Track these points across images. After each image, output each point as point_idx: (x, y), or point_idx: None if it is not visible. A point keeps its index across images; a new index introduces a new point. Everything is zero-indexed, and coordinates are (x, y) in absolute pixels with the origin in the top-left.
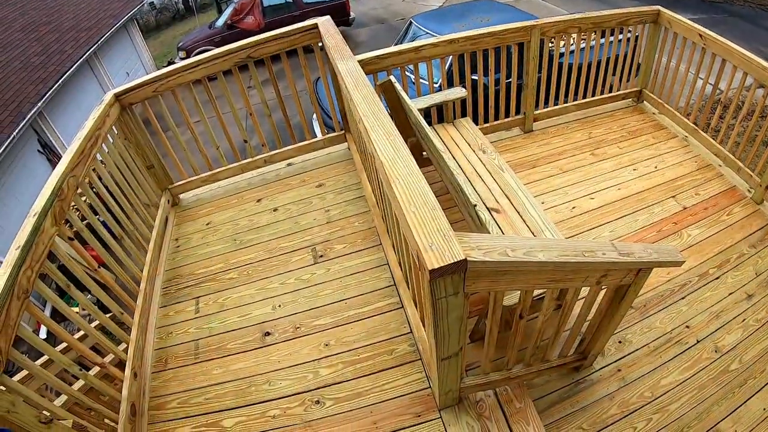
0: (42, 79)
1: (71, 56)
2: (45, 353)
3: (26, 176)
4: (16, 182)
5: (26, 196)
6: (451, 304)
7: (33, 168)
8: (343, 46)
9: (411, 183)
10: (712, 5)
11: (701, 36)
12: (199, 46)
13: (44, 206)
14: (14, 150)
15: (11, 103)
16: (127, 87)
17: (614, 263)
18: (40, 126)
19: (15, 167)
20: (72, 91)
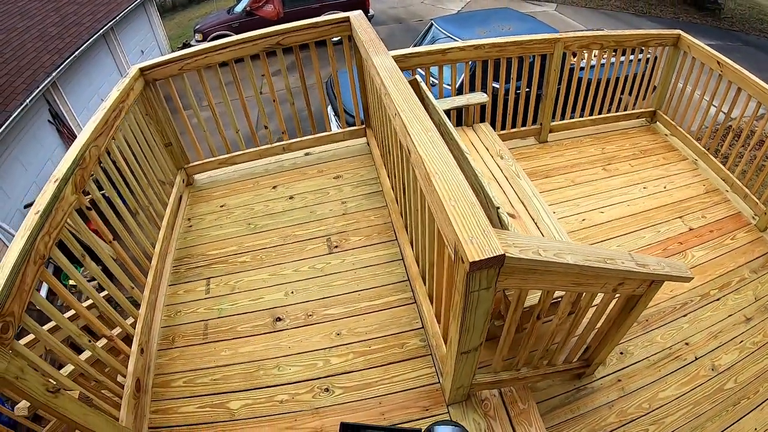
0: (58, 50)
1: (88, 29)
2: (55, 321)
3: (35, 145)
4: (24, 150)
5: (33, 165)
6: (482, 297)
7: (42, 138)
8: (378, 42)
9: (450, 178)
10: (728, 33)
11: (719, 63)
12: (216, 30)
13: (66, 173)
14: (25, 118)
15: (26, 71)
16: (153, 62)
17: (631, 272)
18: (53, 96)
19: (24, 135)
20: (86, 64)
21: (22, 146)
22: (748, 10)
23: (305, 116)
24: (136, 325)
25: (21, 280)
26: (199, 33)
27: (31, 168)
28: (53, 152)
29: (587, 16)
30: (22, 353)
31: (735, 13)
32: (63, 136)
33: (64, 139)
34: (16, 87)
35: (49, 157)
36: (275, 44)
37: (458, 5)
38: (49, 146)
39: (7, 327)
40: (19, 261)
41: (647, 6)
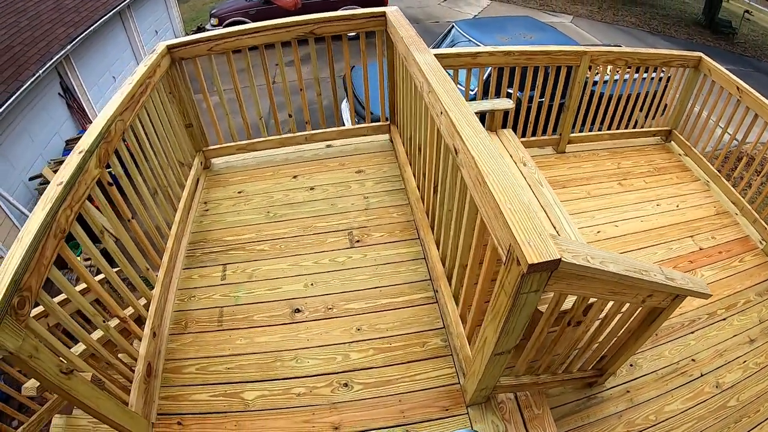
0: (74, 23)
1: (105, 4)
2: (71, 299)
3: (44, 117)
4: (32, 122)
5: (40, 137)
6: (529, 300)
7: (51, 110)
8: (419, 39)
9: (504, 180)
10: (740, 58)
11: (738, 89)
12: (232, 16)
13: (91, 145)
14: (36, 89)
15: (40, 41)
16: (181, 41)
17: (661, 285)
18: (65, 69)
19: (34, 107)
20: (100, 39)
21: (30, 117)
22: (761, 37)
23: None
24: (150, 308)
25: (40, 253)
26: (215, 18)
27: (38, 140)
28: (61, 126)
29: (602, 30)
30: (37, 331)
31: (748, 39)
32: (72, 110)
33: (73, 113)
34: (29, 57)
35: (57, 131)
36: (308, 33)
37: (475, 9)
38: (58, 119)
39: (24, 302)
40: (39, 233)
41: (662, 25)
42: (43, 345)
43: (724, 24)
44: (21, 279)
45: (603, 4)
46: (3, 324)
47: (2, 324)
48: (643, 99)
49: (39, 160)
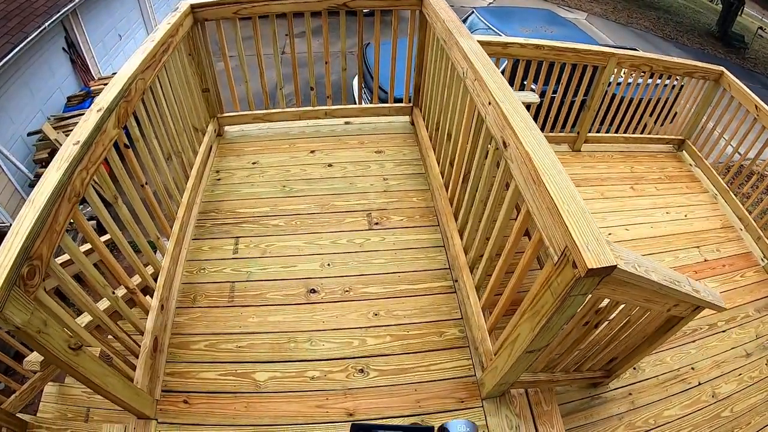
0: None
1: None
2: (83, 269)
3: (45, 72)
4: (33, 76)
5: (42, 92)
6: (576, 302)
7: (54, 65)
8: (460, 23)
9: (560, 181)
10: (750, 73)
11: (756, 107)
12: None
13: (110, 104)
14: (40, 42)
15: None
16: (206, 1)
17: (687, 296)
18: (71, 24)
19: (36, 60)
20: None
21: (32, 71)
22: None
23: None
24: (158, 279)
25: (53, 218)
26: None
27: (38, 95)
28: (63, 82)
29: (616, 31)
30: (47, 304)
31: (759, 55)
32: (75, 66)
33: (76, 69)
34: (36, 8)
35: (59, 86)
36: (341, 5)
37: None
38: (61, 75)
39: (34, 272)
40: (54, 195)
41: (675, 32)
42: (52, 319)
43: (737, 38)
44: (32, 246)
45: (618, 4)
46: (11, 296)
47: (10, 296)
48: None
49: (39, 116)
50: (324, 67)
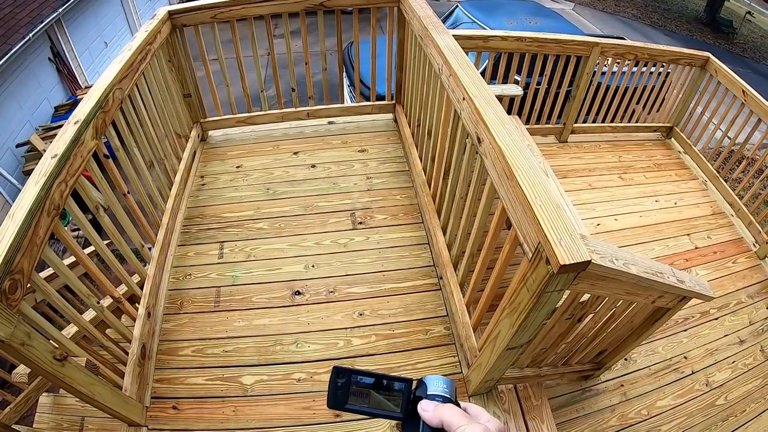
0: None
1: None
2: (67, 281)
3: (32, 83)
4: (20, 87)
5: (29, 103)
6: (552, 299)
7: (40, 76)
8: (436, 19)
9: (533, 176)
10: (739, 58)
11: (744, 92)
12: None
13: (87, 115)
14: (26, 53)
15: (31, 3)
16: (184, 7)
17: (671, 287)
18: (56, 33)
19: (22, 72)
20: (93, 3)
21: (19, 82)
22: (760, 39)
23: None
24: (144, 286)
25: (33, 232)
26: None
27: (26, 106)
28: (50, 92)
29: (603, 20)
30: (30, 316)
31: (748, 40)
32: (62, 76)
33: (63, 79)
34: (20, 20)
35: (46, 97)
36: (318, 5)
37: None
38: (47, 85)
39: (15, 286)
40: (33, 210)
41: (663, 19)
42: (35, 331)
43: (725, 23)
44: (13, 260)
45: None
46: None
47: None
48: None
49: (27, 127)
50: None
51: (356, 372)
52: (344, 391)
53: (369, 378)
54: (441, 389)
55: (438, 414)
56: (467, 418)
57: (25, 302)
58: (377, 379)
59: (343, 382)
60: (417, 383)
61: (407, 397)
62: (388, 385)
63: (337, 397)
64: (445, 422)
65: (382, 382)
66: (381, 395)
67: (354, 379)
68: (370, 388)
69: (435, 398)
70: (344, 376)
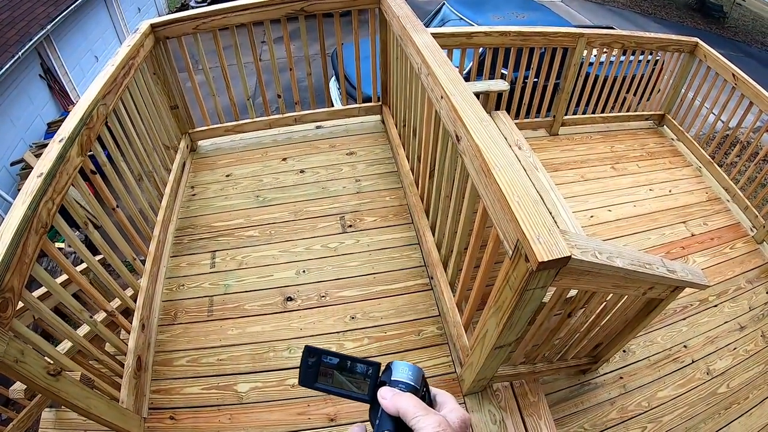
0: (54, 1)
1: None
2: (59, 297)
3: (24, 100)
4: (12, 105)
5: (22, 120)
6: (535, 295)
7: (31, 93)
8: (415, 18)
9: (511, 173)
10: (731, 42)
11: (734, 76)
12: None
13: (72, 133)
14: (16, 72)
15: (20, 22)
16: (165, 19)
17: (662, 278)
18: (45, 50)
19: (14, 90)
20: (81, 18)
21: (10, 101)
22: (751, 22)
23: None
24: (138, 299)
25: (22, 251)
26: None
27: (19, 123)
28: (43, 108)
29: (593, 10)
30: (23, 333)
31: (739, 24)
32: (54, 92)
33: (54, 95)
34: (8, 38)
35: (39, 113)
36: (299, 10)
37: None
38: (39, 102)
39: (6, 304)
40: (20, 229)
41: (653, 7)
42: (29, 347)
43: (715, 8)
44: (2, 279)
45: None
46: None
47: None
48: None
49: (21, 144)
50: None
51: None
52: (314, 370)
53: (337, 359)
54: (405, 376)
55: (395, 402)
56: (424, 408)
57: (17, 320)
58: (345, 360)
59: (313, 362)
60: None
61: (374, 381)
62: (356, 367)
63: (308, 376)
64: (401, 411)
65: (349, 364)
66: (349, 377)
67: (324, 359)
68: (338, 369)
69: (398, 384)
70: (315, 355)
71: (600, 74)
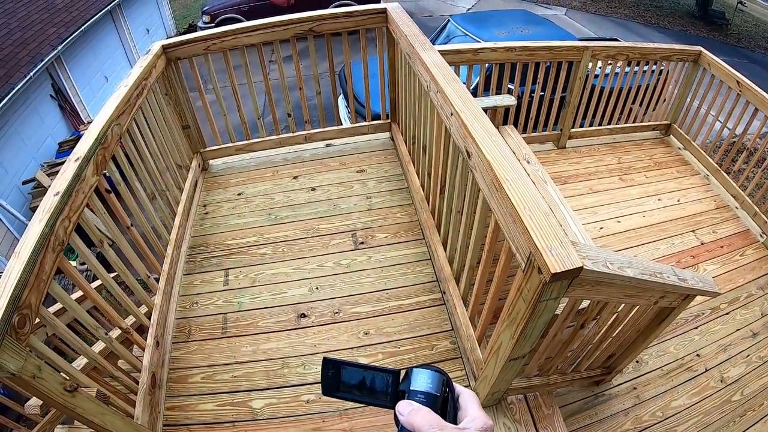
0: (64, 23)
1: (96, 3)
2: (75, 314)
3: (35, 120)
4: (24, 125)
5: (33, 140)
6: (549, 307)
7: (43, 113)
8: (423, 36)
9: (521, 186)
10: (734, 49)
11: (738, 83)
12: (224, 12)
13: (87, 152)
14: (27, 91)
15: (31, 42)
16: (177, 41)
17: (674, 286)
18: (56, 71)
19: (25, 109)
20: (91, 39)
21: (22, 120)
22: (754, 28)
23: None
24: (152, 316)
25: (39, 268)
26: (208, 15)
27: (30, 143)
28: (54, 128)
29: (597, 22)
30: (39, 350)
31: (742, 30)
32: (64, 111)
33: (65, 115)
34: (20, 59)
35: (50, 133)
36: (307, 30)
37: (468, 2)
38: (50, 122)
39: (24, 321)
40: (38, 247)
41: (656, 17)
42: (45, 363)
43: (718, 15)
44: (20, 296)
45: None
46: (3, 344)
47: (2, 344)
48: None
49: (32, 164)
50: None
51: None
52: (335, 380)
53: (357, 369)
54: (424, 385)
55: (410, 420)
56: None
57: (34, 336)
58: (365, 369)
59: (333, 372)
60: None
61: (395, 389)
62: (376, 376)
63: (330, 386)
64: (416, 429)
65: (368, 375)
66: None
67: (344, 369)
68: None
69: (416, 395)
70: (333, 367)
71: (605, 86)
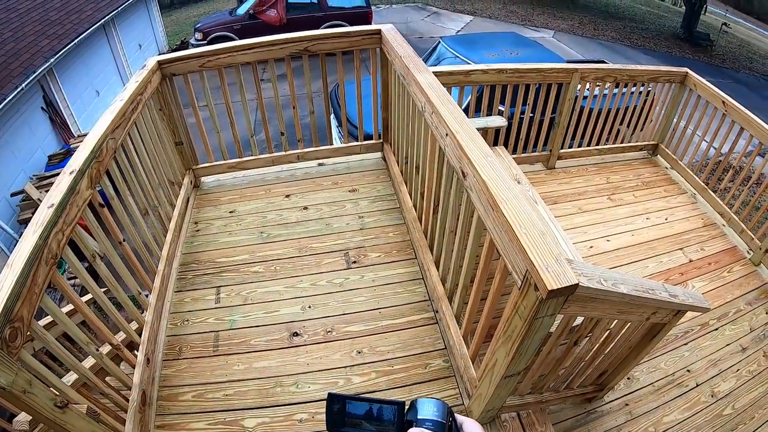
0: (57, 35)
1: (89, 17)
2: (65, 329)
3: (26, 132)
4: (14, 137)
5: (23, 152)
6: (544, 324)
7: (33, 125)
8: (417, 58)
9: (517, 205)
10: (719, 69)
11: (724, 103)
12: (217, 30)
13: (82, 165)
14: (18, 103)
15: (23, 54)
16: (172, 56)
17: (665, 302)
18: (48, 83)
19: (16, 121)
20: (83, 53)
21: (12, 132)
22: (738, 49)
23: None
24: (143, 333)
25: (32, 281)
26: (200, 32)
27: (20, 155)
28: (44, 140)
29: (584, 45)
30: (30, 364)
31: (726, 51)
32: (55, 124)
33: (56, 127)
34: (12, 70)
35: (40, 146)
36: (303, 50)
37: (458, 25)
38: (41, 134)
39: (16, 334)
40: (30, 259)
41: (642, 39)
42: (36, 378)
43: (703, 37)
44: (12, 308)
45: (584, 18)
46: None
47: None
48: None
49: (21, 176)
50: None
51: (350, 398)
52: (340, 415)
53: (362, 403)
54: (431, 413)
55: None
56: None
57: (25, 350)
58: (370, 403)
59: (338, 408)
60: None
61: (401, 421)
62: (381, 409)
63: (335, 421)
64: None
65: (374, 407)
66: (375, 419)
67: (349, 404)
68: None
69: (424, 423)
70: (339, 402)
71: (594, 107)
